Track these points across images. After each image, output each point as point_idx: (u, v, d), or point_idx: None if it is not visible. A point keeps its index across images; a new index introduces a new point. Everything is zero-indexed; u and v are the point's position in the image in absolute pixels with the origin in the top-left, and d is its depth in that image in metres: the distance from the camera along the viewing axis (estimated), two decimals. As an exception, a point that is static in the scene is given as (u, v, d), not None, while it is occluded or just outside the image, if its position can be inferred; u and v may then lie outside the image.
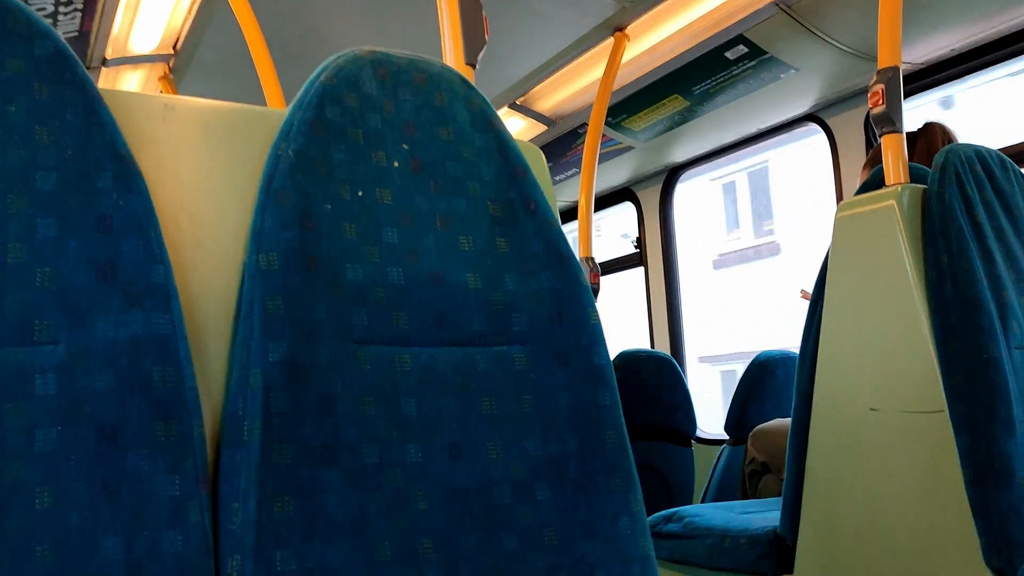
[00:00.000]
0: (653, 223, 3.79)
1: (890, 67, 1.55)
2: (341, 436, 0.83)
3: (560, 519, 0.92)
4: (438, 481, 0.87)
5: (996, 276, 1.42)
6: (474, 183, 1.00)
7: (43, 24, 0.80)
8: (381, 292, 0.90)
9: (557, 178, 3.82)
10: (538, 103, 3.22)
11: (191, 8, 2.43)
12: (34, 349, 0.73)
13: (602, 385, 0.98)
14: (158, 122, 0.89)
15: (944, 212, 1.43)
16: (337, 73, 0.96)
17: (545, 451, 0.94)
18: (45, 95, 0.79)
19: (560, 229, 1.03)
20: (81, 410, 0.73)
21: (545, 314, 0.98)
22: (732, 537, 1.82)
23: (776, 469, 2.44)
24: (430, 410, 0.89)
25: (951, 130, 2.09)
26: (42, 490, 0.70)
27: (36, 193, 0.76)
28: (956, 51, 2.47)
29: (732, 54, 2.63)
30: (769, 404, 2.84)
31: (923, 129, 2.12)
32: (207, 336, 0.84)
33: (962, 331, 1.37)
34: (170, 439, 0.75)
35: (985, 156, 1.57)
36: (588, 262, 2.88)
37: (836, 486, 1.55)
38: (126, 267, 0.77)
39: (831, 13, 2.35)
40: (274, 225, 0.85)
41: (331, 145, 0.92)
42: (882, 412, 1.45)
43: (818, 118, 2.96)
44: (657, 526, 2.05)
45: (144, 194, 0.80)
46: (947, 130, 2.08)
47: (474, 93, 1.05)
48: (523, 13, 2.47)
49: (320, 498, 0.80)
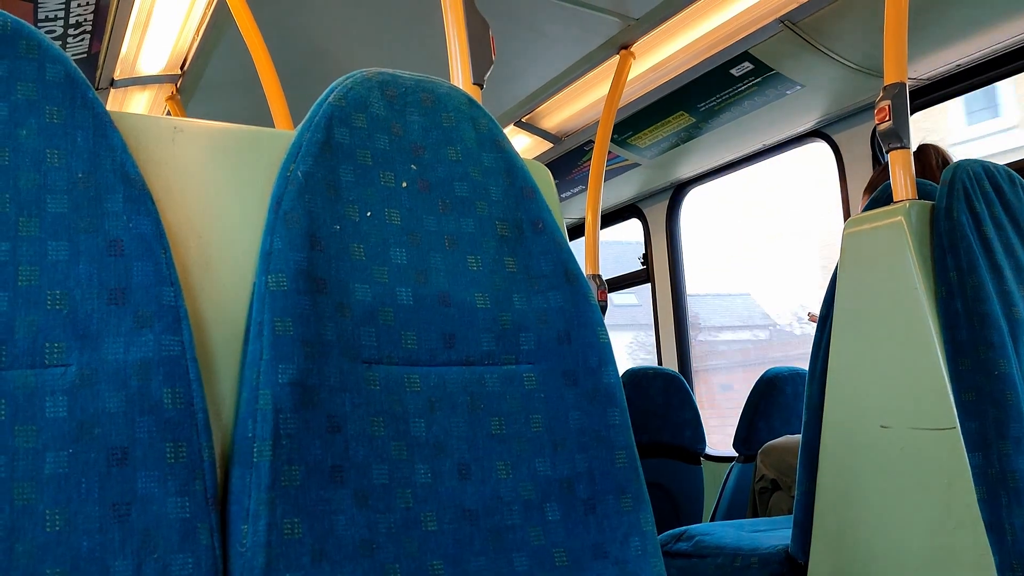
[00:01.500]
0: (660, 239, 3.79)
1: (896, 83, 1.55)
2: (350, 457, 0.83)
3: (570, 540, 0.91)
4: (448, 501, 0.87)
5: (1006, 291, 1.42)
6: (482, 203, 1.00)
7: (54, 48, 0.81)
8: (390, 312, 0.90)
9: (563, 195, 3.82)
10: (544, 121, 3.23)
11: (199, 29, 2.45)
12: (44, 371, 0.73)
13: (612, 405, 0.98)
14: (168, 144, 0.89)
15: (953, 228, 1.42)
16: (345, 95, 0.96)
17: (555, 471, 0.94)
18: (56, 118, 0.79)
19: (568, 248, 1.03)
20: (91, 433, 0.73)
21: (554, 334, 0.98)
22: (743, 556, 1.81)
23: (786, 486, 2.43)
24: (439, 430, 0.89)
25: (945, 151, 2.09)
26: (52, 513, 0.70)
27: (47, 216, 0.77)
28: (962, 67, 2.47)
29: (737, 71, 2.64)
30: (778, 420, 2.82)
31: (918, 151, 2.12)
32: (217, 358, 0.84)
33: (972, 347, 1.36)
34: (180, 461, 0.75)
35: (993, 171, 1.57)
36: (595, 279, 2.87)
37: (848, 504, 1.53)
38: (136, 289, 0.78)
39: (836, 30, 2.35)
40: (283, 246, 0.85)
41: (340, 166, 0.92)
42: (893, 429, 1.44)
43: (824, 134, 2.96)
44: (667, 545, 2.04)
45: (154, 216, 0.81)
46: (941, 151, 2.08)
47: (481, 113, 1.06)
48: (529, 32, 2.48)
49: (330, 519, 0.80)
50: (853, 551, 1.51)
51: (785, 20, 2.36)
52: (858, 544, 1.50)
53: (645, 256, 3.91)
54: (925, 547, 1.39)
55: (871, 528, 1.48)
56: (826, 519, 1.58)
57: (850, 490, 1.53)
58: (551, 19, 2.41)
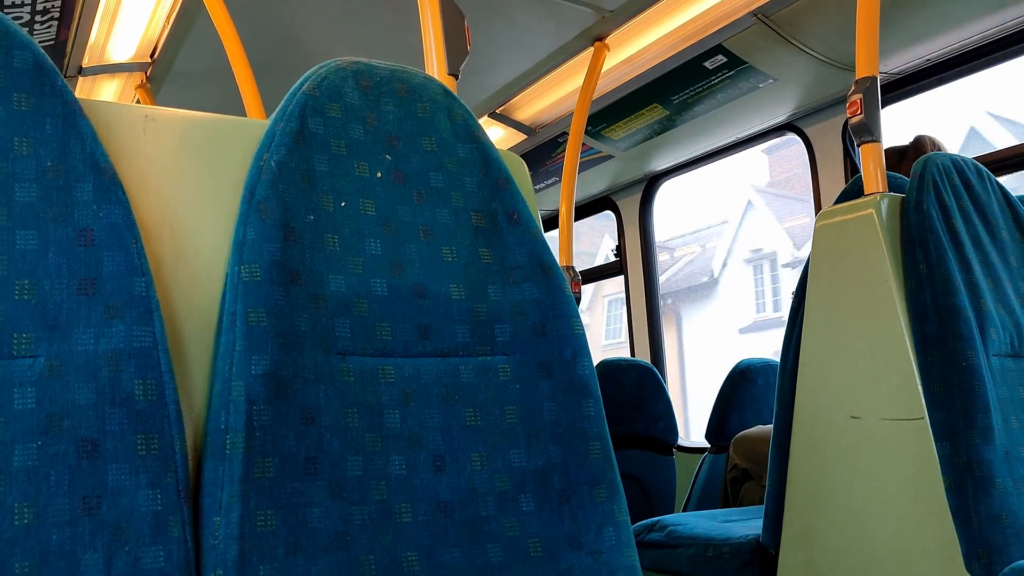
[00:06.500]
0: (633, 231, 3.80)
1: (868, 77, 1.56)
2: (324, 449, 0.82)
3: (545, 530, 0.92)
4: (422, 493, 0.87)
5: (974, 284, 1.44)
6: (457, 194, 1.00)
7: (23, 35, 0.79)
8: (364, 304, 0.89)
9: (537, 187, 3.82)
10: (518, 112, 3.22)
11: (169, 17, 2.42)
12: (12, 363, 0.72)
13: (586, 396, 0.98)
14: (139, 133, 0.88)
15: (922, 221, 1.44)
16: (319, 84, 0.95)
17: (529, 462, 0.94)
18: (24, 106, 0.78)
19: (543, 240, 1.03)
20: (61, 425, 0.72)
21: (528, 325, 0.98)
22: (715, 546, 1.83)
23: (758, 476, 2.45)
24: (414, 422, 0.89)
25: (940, 141, 2.12)
26: (21, 507, 0.69)
27: (15, 205, 0.75)
28: (931, 61, 2.50)
29: (711, 64, 2.65)
30: (750, 412, 2.85)
31: (914, 142, 2.15)
32: (189, 349, 0.84)
33: (941, 339, 1.38)
34: (151, 453, 0.75)
35: (962, 165, 1.59)
36: (569, 271, 2.88)
37: (818, 494, 1.55)
38: (107, 279, 0.77)
39: (808, 24, 2.37)
40: (256, 237, 0.84)
41: (313, 156, 0.91)
42: (863, 420, 1.46)
43: (796, 127, 2.98)
44: (640, 535, 2.05)
45: (125, 205, 0.80)
46: (936, 142, 2.11)
47: (457, 104, 1.05)
48: (504, 23, 2.47)
49: (304, 512, 0.79)
50: (823, 540, 1.53)
51: (758, 14, 2.37)
52: (828, 533, 1.52)
53: (618, 248, 3.92)
54: (894, 536, 1.41)
55: (841, 518, 1.50)
56: (797, 509, 1.60)
57: (820, 480, 1.55)
58: (526, 10, 2.41)
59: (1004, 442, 1.35)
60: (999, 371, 1.41)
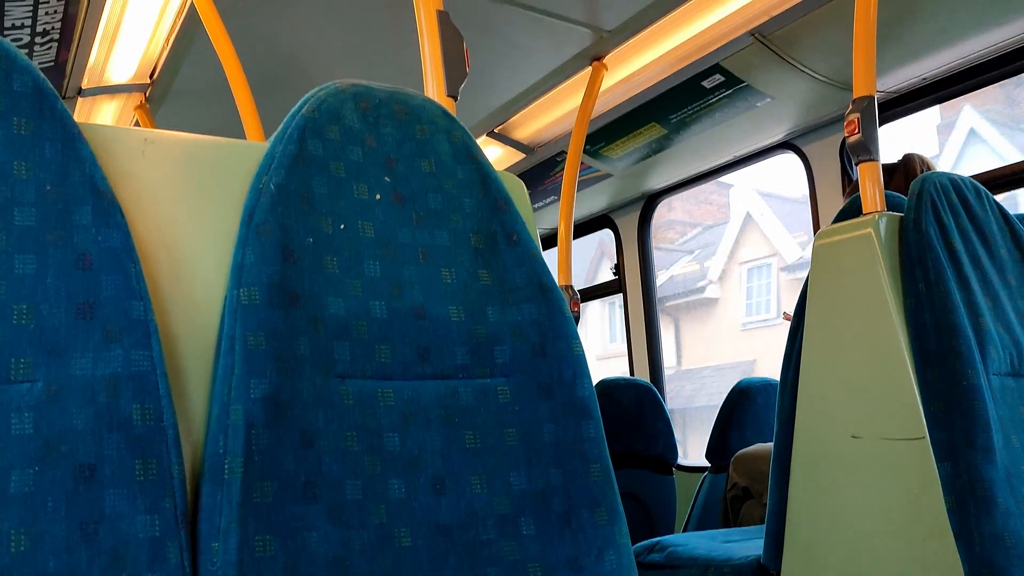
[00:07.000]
0: (632, 250, 3.80)
1: (865, 96, 1.57)
2: (324, 472, 0.82)
3: (545, 554, 0.91)
4: (422, 517, 0.86)
5: (973, 303, 1.44)
6: (456, 215, 1.00)
7: (22, 59, 0.80)
8: (363, 326, 0.89)
9: (536, 206, 3.82)
10: (517, 131, 3.23)
11: (169, 38, 2.42)
12: (10, 387, 0.72)
13: (586, 418, 0.98)
14: (137, 156, 0.88)
15: (921, 240, 1.44)
16: (319, 106, 0.95)
17: (529, 485, 0.93)
18: (24, 130, 0.78)
19: (543, 260, 1.03)
20: (58, 450, 0.71)
21: (528, 347, 0.98)
22: (716, 567, 1.82)
23: (758, 493, 2.44)
24: (413, 445, 0.88)
25: (929, 160, 2.12)
26: (18, 533, 0.69)
27: (14, 229, 0.75)
28: (927, 80, 2.51)
29: (708, 83, 2.66)
30: (750, 431, 2.84)
31: (903, 160, 2.15)
32: (187, 373, 0.83)
33: (941, 358, 1.38)
34: (149, 478, 0.74)
35: (959, 184, 1.59)
36: (568, 290, 2.88)
37: (819, 514, 1.54)
38: (105, 303, 0.76)
39: (806, 43, 2.38)
40: (255, 259, 0.84)
41: (313, 178, 0.91)
42: (863, 439, 1.46)
43: (794, 145, 2.99)
44: (640, 556, 2.04)
45: (123, 229, 0.80)
46: (926, 160, 2.11)
47: (456, 126, 1.05)
48: (503, 43, 2.48)
49: (302, 536, 0.79)
50: (825, 561, 1.52)
51: (756, 33, 2.38)
52: (829, 554, 1.51)
53: (617, 267, 3.92)
54: (895, 556, 1.40)
55: (842, 538, 1.49)
56: (798, 529, 1.59)
57: (821, 500, 1.54)
58: (524, 31, 2.42)
59: (1005, 461, 1.35)
60: (999, 390, 1.41)
